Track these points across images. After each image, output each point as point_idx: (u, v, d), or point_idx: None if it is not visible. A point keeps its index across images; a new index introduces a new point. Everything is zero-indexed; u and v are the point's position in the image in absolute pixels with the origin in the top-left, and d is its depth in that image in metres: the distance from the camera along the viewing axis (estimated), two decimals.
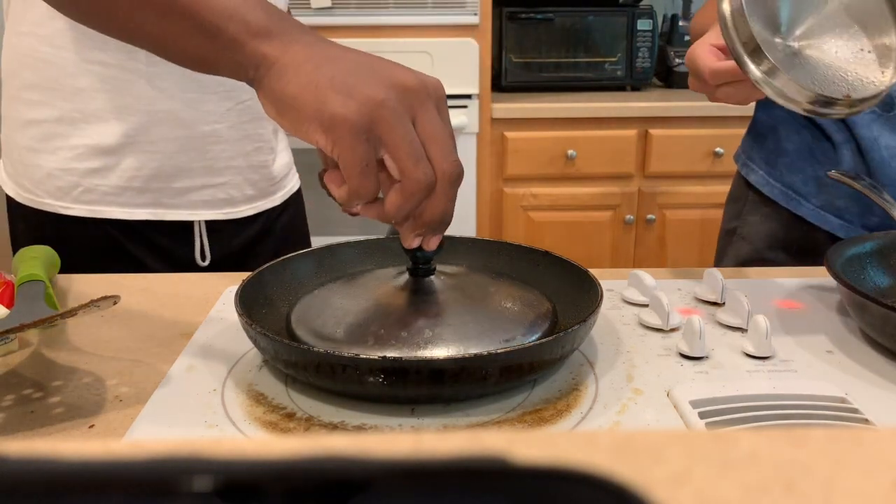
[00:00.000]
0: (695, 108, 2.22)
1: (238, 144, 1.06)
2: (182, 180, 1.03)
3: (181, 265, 1.06)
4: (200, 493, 0.17)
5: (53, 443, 0.21)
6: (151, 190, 1.02)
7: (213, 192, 1.05)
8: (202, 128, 1.01)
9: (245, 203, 1.09)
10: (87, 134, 0.98)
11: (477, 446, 0.23)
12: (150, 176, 1.01)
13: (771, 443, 0.24)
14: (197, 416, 0.63)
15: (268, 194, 1.12)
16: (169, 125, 0.99)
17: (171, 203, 1.03)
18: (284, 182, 1.16)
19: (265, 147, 1.09)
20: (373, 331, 0.66)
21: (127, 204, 1.01)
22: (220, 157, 1.04)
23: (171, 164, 1.01)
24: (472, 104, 2.14)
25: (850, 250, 0.81)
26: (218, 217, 1.07)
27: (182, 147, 1.01)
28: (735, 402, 0.63)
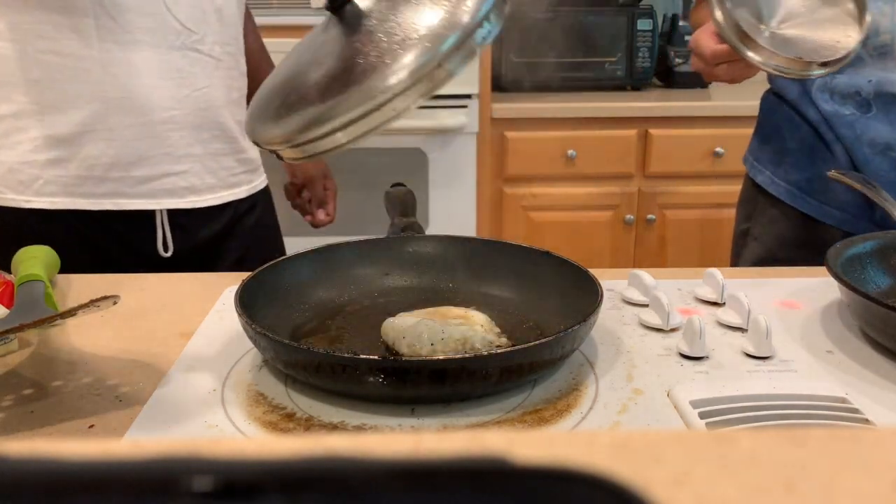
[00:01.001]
0: (695, 108, 2.22)
1: (196, 132, 1.05)
2: (142, 168, 1.02)
3: (144, 257, 1.06)
4: (200, 493, 0.17)
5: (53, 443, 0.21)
6: (112, 179, 1.02)
7: (174, 180, 1.05)
8: (159, 114, 1.01)
9: (207, 192, 1.09)
10: (44, 125, 0.99)
11: (477, 446, 0.23)
12: (110, 164, 1.01)
13: (771, 443, 0.24)
14: (197, 416, 0.63)
15: (230, 185, 1.12)
16: (125, 112, 1.00)
17: (132, 192, 1.03)
18: (250, 177, 1.16)
19: (223, 136, 1.09)
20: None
21: (88, 194, 1.01)
22: (179, 145, 1.04)
23: (129, 152, 1.01)
24: (472, 104, 2.14)
25: (850, 250, 0.81)
26: (180, 206, 1.06)
27: (140, 134, 1.01)
28: (735, 402, 0.63)
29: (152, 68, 0.99)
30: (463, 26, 0.51)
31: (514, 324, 0.78)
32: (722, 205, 2.26)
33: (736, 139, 2.20)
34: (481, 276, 0.86)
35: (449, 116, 2.12)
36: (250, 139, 0.61)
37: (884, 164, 1.03)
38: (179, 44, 1.00)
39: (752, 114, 2.34)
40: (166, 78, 1.01)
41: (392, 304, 0.82)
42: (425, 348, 0.67)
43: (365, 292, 0.85)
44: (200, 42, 1.02)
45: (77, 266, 0.93)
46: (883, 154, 1.03)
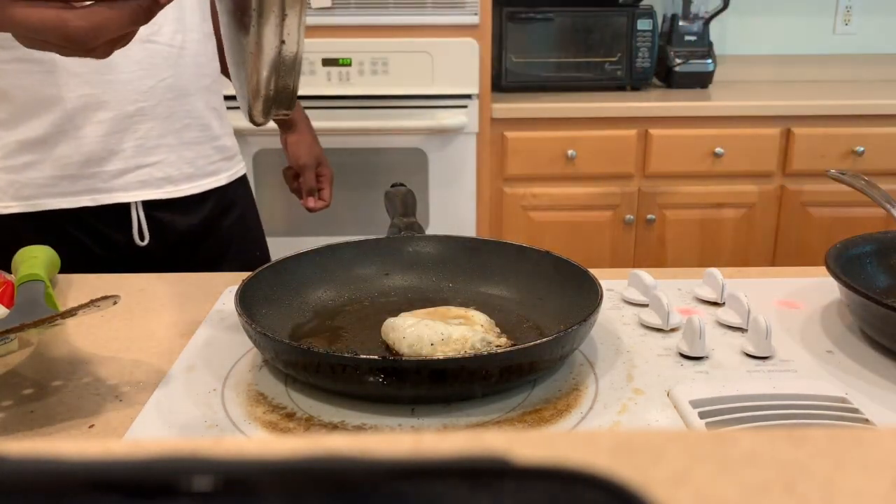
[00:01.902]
0: (695, 108, 2.22)
1: (166, 122, 1.06)
2: (114, 163, 1.03)
3: (121, 248, 1.06)
4: (200, 493, 0.17)
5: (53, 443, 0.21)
6: (86, 176, 1.02)
7: (149, 171, 1.06)
8: (126, 108, 1.02)
9: (185, 182, 1.09)
10: (16, 132, 1.00)
11: (477, 446, 0.23)
12: (83, 162, 1.02)
13: (771, 443, 0.24)
14: (197, 416, 0.63)
15: (208, 174, 1.12)
16: (92, 109, 1.00)
17: (108, 187, 1.04)
18: (228, 164, 1.16)
19: (195, 124, 1.09)
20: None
21: (65, 193, 1.02)
22: (150, 136, 1.05)
23: (100, 148, 1.02)
24: (472, 104, 2.14)
25: (850, 250, 0.81)
26: (158, 196, 1.07)
27: (109, 129, 1.02)
28: (735, 402, 0.63)
29: (114, 64, 1.00)
30: None
31: (514, 324, 0.78)
32: (722, 205, 2.26)
33: (736, 139, 2.20)
34: (481, 276, 0.86)
35: (449, 116, 2.12)
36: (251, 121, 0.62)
37: None
38: (139, 36, 1.00)
39: (751, 114, 2.34)
40: (130, 71, 1.01)
41: (392, 304, 0.82)
42: (425, 348, 0.67)
43: (365, 292, 0.85)
44: (157, 34, 1.03)
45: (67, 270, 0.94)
46: None
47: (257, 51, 0.56)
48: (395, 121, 2.10)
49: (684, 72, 2.38)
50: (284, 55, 0.56)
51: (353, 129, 2.08)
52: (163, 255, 1.08)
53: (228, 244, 1.17)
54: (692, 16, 2.43)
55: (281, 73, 0.57)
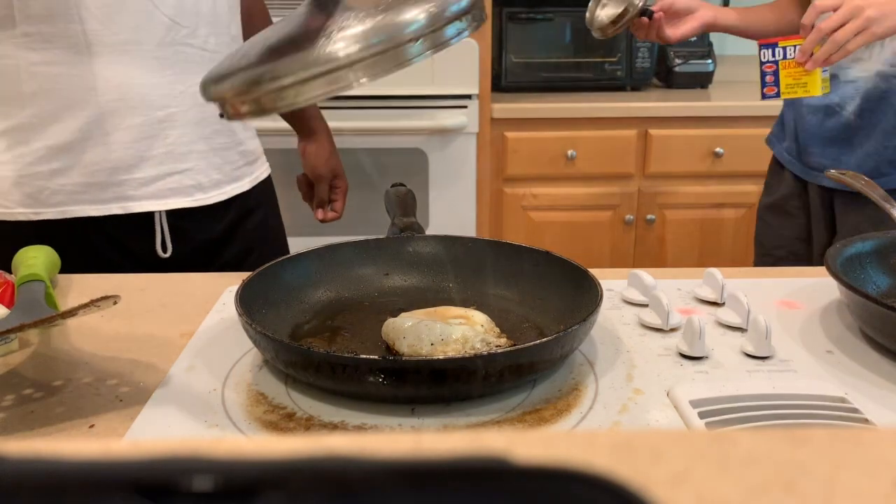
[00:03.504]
0: (695, 108, 2.21)
1: (197, 128, 1.05)
2: (144, 170, 1.02)
3: (142, 258, 1.05)
4: (200, 493, 0.17)
5: (53, 443, 0.21)
6: (115, 183, 1.01)
7: (179, 178, 1.04)
8: (156, 113, 1.01)
9: (213, 188, 1.08)
10: (45, 136, 0.99)
11: (477, 446, 0.23)
12: (112, 168, 1.00)
13: (771, 443, 0.24)
14: (197, 416, 0.63)
15: (234, 179, 1.11)
16: (122, 114, 0.99)
17: (138, 195, 1.02)
18: (251, 168, 1.15)
19: (223, 129, 1.08)
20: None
21: (94, 200, 1.01)
22: (180, 143, 1.03)
23: (130, 154, 1.01)
24: (472, 104, 2.14)
25: (850, 250, 0.81)
26: (187, 205, 1.06)
27: (140, 135, 1.00)
28: (735, 402, 0.63)
29: (145, 68, 0.99)
30: (431, 16, 0.52)
31: (514, 324, 0.78)
32: (722, 205, 2.26)
33: (736, 139, 2.20)
34: (481, 276, 0.86)
35: (449, 116, 2.12)
36: (202, 93, 0.61)
37: (812, 119, 1.37)
38: (170, 40, 1.00)
39: (751, 114, 2.33)
40: (160, 76, 1.00)
41: (392, 304, 0.82)
42: (425, 348, 0.67)
43: (365, 292, 0.85)
44: (192, 36, 1.01)
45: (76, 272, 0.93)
46: (812, 114, 1.37)
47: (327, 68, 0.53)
48: (395, 121, 2.10)
49: (684, 72, 2.38)
50: (337, 89, 0.53)
51: (354, 129, 2.08)
52: (183, 265, 1.06)
53: (250, 249, 1.16)
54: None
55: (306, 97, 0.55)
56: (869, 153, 1.32)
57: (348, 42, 0.50)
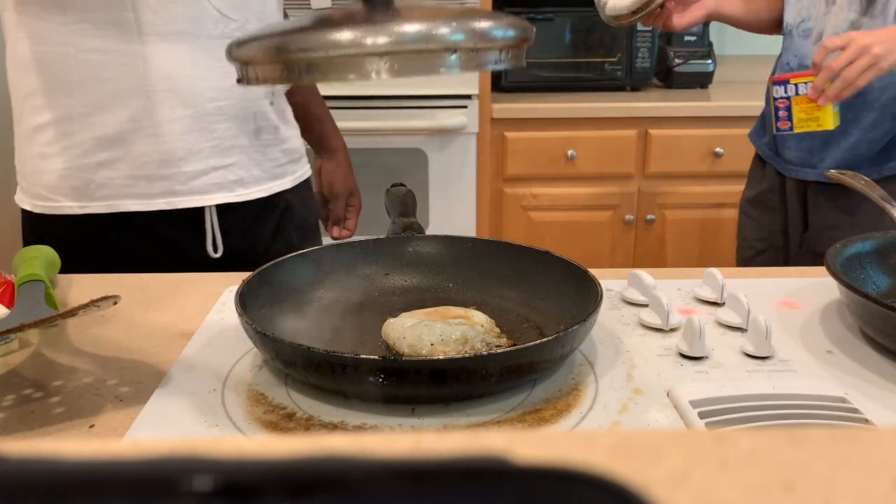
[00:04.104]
0: (695, 108, 2.21)
1: (243, 123, 1.04)
2: (191, 163, 1.01)
3: (193, 259, 1.04)
4: (200, 493, 0.17)
5: (53, 443, 0.21)
6: (163, 177, 1.00)
7: (223, 173, 1.04)
8: (205, 105, 1.00)
9: (254, 185, 1.07)
10: (91, 127, 0.98)
11: (477, 446, 0.23)
12: (161, 161, 0.99)
13: (771, 443, 0.24)
14: (197, 416, 0.63)
15: (276, 176, 1.11)
16: (171, 105, 0.98)
17: (184, 189, 1.02)
18: (294, 167, 1.15)
19: (268, 126, 1.08)
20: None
21: (142, 195, 1.00)
22: (226, 136, 1.03)
23: (179, 147, 1.00)
24: (472, 104, 2.14)
25: (850, 250, 0.81)
26: (229, 200, 1.05)
27: (188, 127, 1.00)
28: (735, 402, 0.63)
29: (195, 59, 0.98)
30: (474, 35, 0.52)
31: (514, 324, 0.78)
32: (722, 205, 2.26)
33: (736, 139, 2.20)
34: (481, 276, 0.86)
35: (449, 116, 2.12)
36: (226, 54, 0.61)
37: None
38: (219, 32, 0.99)
39: (752, 114, 2.34)
40: (209, 68, 0.99)
41: (392, 304, 0.82)
42: (425, 348, 0.67)
43: (365, 292, 0.85)
44: (241, 29, 1.00)
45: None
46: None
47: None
48: (395, 121, 2.10)
49: (684, 72, 2.38)
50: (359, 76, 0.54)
51: (354, 129, 2.08)
52: (231, 266, 1.05)
53: (290, 249, 1.16)
54: None
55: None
56: (845, 149, 1.35)
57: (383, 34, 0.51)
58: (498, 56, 0.54)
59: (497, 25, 0.53)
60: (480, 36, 0.52)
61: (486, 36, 0.52)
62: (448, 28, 0.51)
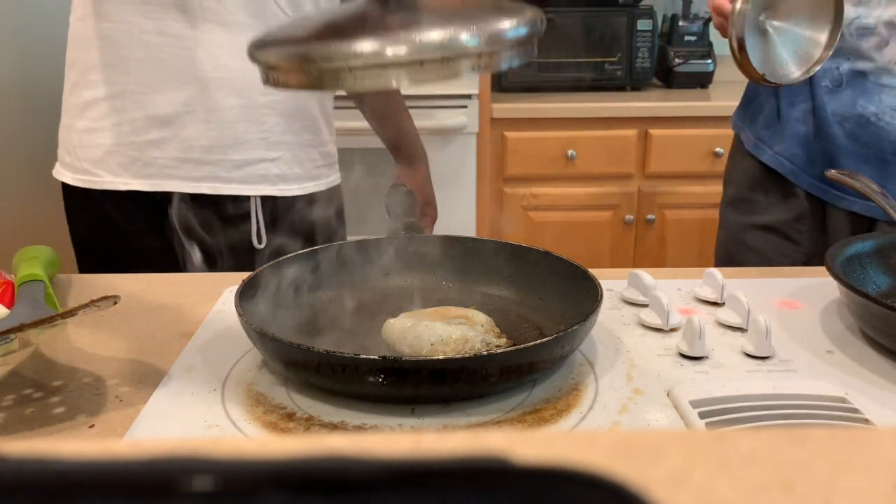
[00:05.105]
0: (695, 108, 2.21)
1: (290, 120, 1.06)
2: (239, 152, 1.03)
3: (237, 248, 1.05)
4: (200, 493, 0.17)
5: (53, 443, 0.21)
6: (209, 162, 1.02)
7: (268, 166, 1.05)
8: (258, 98, 1.01)
9: (295, 182, 1.09)
10: (145, 105, 0.99)
11: (477, 446, 0.23)
12: (209, 146, 1.01)
13: (771, 443, 0.24)
14: (197, 416, 0.63)
15: (314, 177, 1.12)
16: (225, 93, 1.00)
17: (229, 177, 1.03)
18: (328, 171, 1.16)
19: (312, 126, 1.10)
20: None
21: (186, 177, 1.01)
22: (275, 131, 1.04)
23: (228, 135, 1.01)
24: (472, 104, 2.14)
25: (850, 250, 0.81)
26: (271, 193, 1.06)
27: (239, 116, 1.01)
28: (735, 402, 0.63)
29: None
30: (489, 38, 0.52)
31: (514, 324, 0.78)
32: None
33: None
34: (481, 276, 0.86)
35: (449, 116, 2.12)
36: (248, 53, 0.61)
37: (839, 131, 1.15)
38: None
39: None
40: None
41: (392, 304, 0.82)
42: (425, 348, 0.67)
43: (365, 292, 0.85)
44: None
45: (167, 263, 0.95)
46: (839, 124, 1.15)
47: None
48: None
49: (684, 72, 2.38)
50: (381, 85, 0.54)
51: (354, 129, 2.08)
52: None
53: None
54: (692, 16, 2.43)
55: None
56: None
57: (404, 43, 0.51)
58: (512, 54, 0.54)
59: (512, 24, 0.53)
60: (497, 39, 0.52)
61: (501, 38, 0.53)
62: (467, 33, 0.51)
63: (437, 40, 0.51)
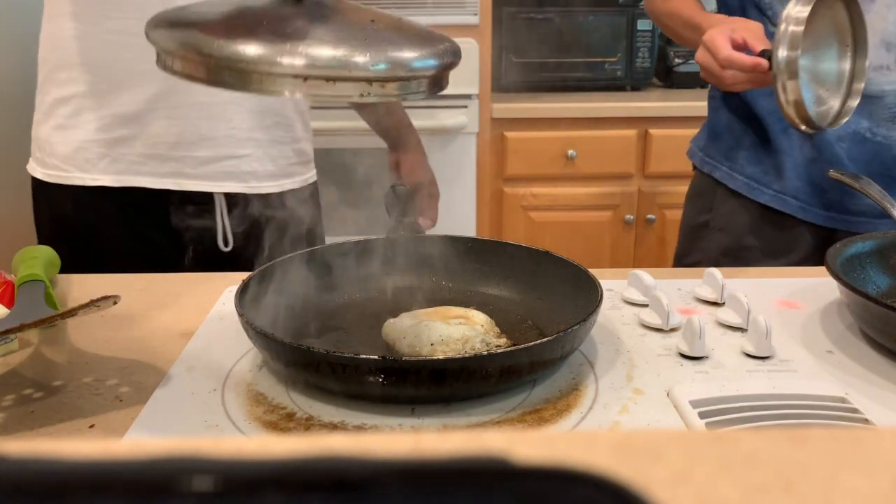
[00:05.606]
0: (695, 109, 2.21)
1: (259, 117, 1.06)
2: (204, 148, 1.04)
3: (202, 249, 1.06)
4: (200, 493, 0.17)
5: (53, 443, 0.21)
6: (174, 158, 1.03)
7: (235, 163, 1.06)
8: (224, 94, 1.02)
9: (267, 179, 1.09)
10: (112, 104, 1.01)
11: (477, 446, 0.23)
12: (174, 143, 1.02)
13: (771, 443, 0.24)
14: (197, 416, 0.63)
15: (287, 175, 1.12)
16: (190, 90, 1.00)
17: (194, 173, 1.04)
18: (303, 168, 1.16)
19: (284, 123, 1.10)
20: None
21: (151, 173, 1.03)
22: (242, 128, 1.05)
23: (193, 132, 1.03)
24: (472, 104, 2.14)
25: (850, 250, 0.81)
26: (240, 190, 1.07)
27: (204, 114, 1.02)
28: (735, 402, 0.63)
29: None
30: (394, 65, 0.50)
31: (514, 324, 0.78)
32: None
33: None
34: (481, 276, 0.86)
35: (449, 116, 2.12)
36: (146, 29, 0.60)
37: (840, 151, 1.08)
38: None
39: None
40: None
41: (392, 304, 0.82)
42: (425, 348, 0.67)
43: (365, 292, 0.85)
44: None
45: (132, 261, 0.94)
46: (837, 144, 1.08)
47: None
48: None
49: (684, 72, 2.38)
50: (270, 92, 0.52)
51: (354, 129, 2.08)
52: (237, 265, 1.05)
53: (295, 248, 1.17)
54: None
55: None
56: None
57: (302, 54, 0.49)
58: (418, 85, 0.52)
59: (421, 55, 0.50)
60: (401, 66, 0.50)
61: (406, 66, 0.50)
62: (366, 57, 0.49)
63: (333, 57, 0.49)
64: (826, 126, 0.98)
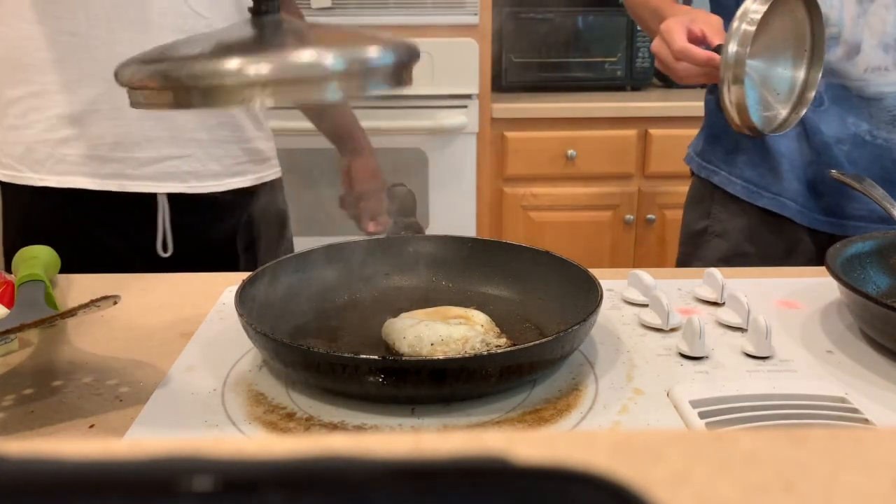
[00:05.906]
0: (695, 109, 2.21)
1: (202, 117, 1.07)
2: (145, 150, 1.04)
3: (143, 256, 1.07)
4: (200, 493, 0.17)
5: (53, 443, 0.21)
6: (115, 159, 1.04)
7: (176, 163, 1.06)
8: None
9: (211, 179, 1.09)
10: (58, 104, 1.02)
11: (477, 446, 0.23)
12: (114, 144, 1.03)
13: (771, 443, 0.24)
14: (197, 416, 0.63)
15: (234, 174, 1.12)
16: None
17: (136, 174, 1.05)
18: (257, 167, 1.16)
19: (230, 123, 1.10)
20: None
21: (93, 174, 1.04)
22: (185, 129, 1.06)
23: (134, 132, 1.03)
24: (472, 104, 2.14)
25: (850, 250, 0.81)
26: (182, 190, 1.07)
27: (145, 115, 1.02)
28: (735, 402, 0.63)
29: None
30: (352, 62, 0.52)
31: (514, 324, 0.78)
32: None
33: None
34: (481, 276, 0.86)
35: (449, 116, 2.12)
36: (115, 74, 0.61)
37: (839, 153, 1.06)
38: (188, 28, 1.02)
39: None
40: None
41: (392, 304, 0.82)
42: (425, 348, 0.67)
43: (365, 292, 0.85)
44: (209, 27, 1.03)
45: (78, 261, 0.94)
46: (836, 146, 1.05)
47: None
48: (395, 121, 2.10)
49: None
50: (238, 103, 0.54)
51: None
52: (187, 265, 1.07)
53: (254, 252, 1.17)
54: None
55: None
56: None
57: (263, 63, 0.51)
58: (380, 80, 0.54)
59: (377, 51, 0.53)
60: (360, 63, 0.52)
61: (365, 63, 0.53)
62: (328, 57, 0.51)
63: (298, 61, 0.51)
64: (768, 132, 0.97)
